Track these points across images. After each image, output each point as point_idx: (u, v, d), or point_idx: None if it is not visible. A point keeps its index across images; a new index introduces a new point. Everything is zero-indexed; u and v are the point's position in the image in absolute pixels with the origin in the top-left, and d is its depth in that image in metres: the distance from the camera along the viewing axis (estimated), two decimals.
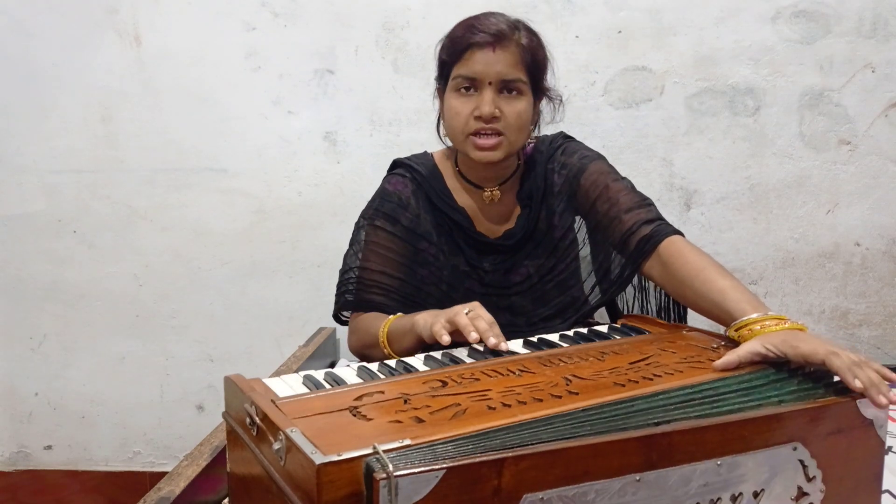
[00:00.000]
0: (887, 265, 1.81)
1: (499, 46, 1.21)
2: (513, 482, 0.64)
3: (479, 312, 1.04)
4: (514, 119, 1.23)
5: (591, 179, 1.32)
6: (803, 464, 0.77)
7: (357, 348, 1.32)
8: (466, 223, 1.34)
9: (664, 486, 0.70)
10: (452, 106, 1.26)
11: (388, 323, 1.20)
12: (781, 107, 1.76)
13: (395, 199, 1.34)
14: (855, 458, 0.81)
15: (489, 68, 1.21)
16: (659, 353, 0.95)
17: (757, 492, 0.75)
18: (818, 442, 0.78)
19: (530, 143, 1.39)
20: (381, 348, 1.20)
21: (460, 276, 1.34)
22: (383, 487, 0.60)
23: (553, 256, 1.36)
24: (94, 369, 1.95)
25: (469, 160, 1.30)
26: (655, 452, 0.70)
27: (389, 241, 1.32)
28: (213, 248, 1.88)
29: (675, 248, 1.18)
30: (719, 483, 0.73)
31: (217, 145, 1.85)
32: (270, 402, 0.78)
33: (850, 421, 0.80)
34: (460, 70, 1.24)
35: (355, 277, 1.32)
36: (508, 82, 1.23)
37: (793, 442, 0.76)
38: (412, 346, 1.15)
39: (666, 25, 1.75)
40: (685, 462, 0.71)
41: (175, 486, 0.97)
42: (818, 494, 0.78)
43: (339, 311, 1.36)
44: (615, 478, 0.68)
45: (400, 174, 1.38)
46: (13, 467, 2.00)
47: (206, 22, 1.81)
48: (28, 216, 1.90)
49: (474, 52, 1.22)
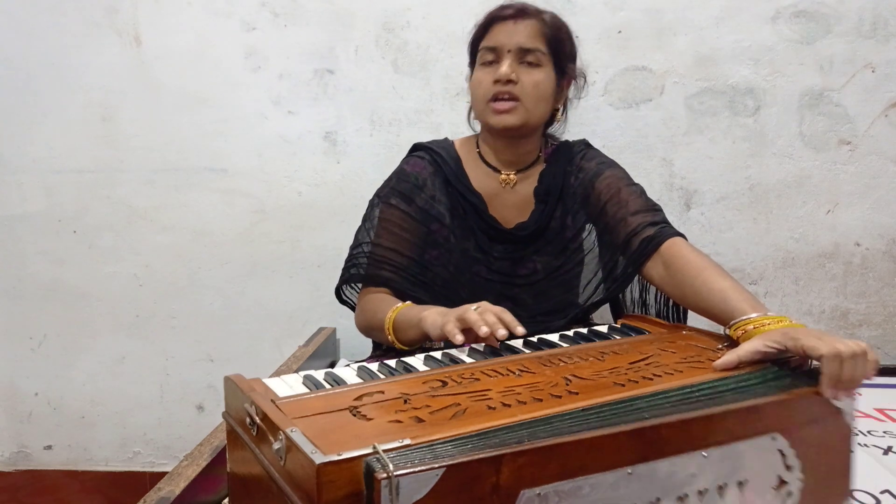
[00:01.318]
0: (887, 265, 1.81)
1: (520, 19, 1.28)
2: (511, 479, 0.65)
3: (487, 307, 1.04)
4: (531, 87, 1.27)
5: (605, 183, 1.34)
6: (782, 453, 0.80)
7: (363, 327, 1.33)
8: (481, 206, 1.35)
9: (654, 478, 0.72)
10: (476, 77, 1.32)
11: (395, 311, 1.20)
12: (781, 107, 1.76)
13: (411, 180, 1.36)
14: (828, 446, 0.84)
15: (509, 38, 1.27)
16: (659, 353, 0.95)
17: (741, 482, 0.77)
18: (795, 432, 0.80)
19: (554, 144, 1.41)
20: (386, 335, 1.20)
21: (469, 260, 1.35)
22: (384, 487, 0.60)
23: (561, 256, 1.37)
24: (94, 369, 1.95)
25: (491, 140, 1.35)
26: (645, 445, 0.71)
27: (403, 219, 1.34)
28: (213, 248, 1.89)
29: (676, 250, 1.19)
30: (706, 474, 0.75)
31: (217, 145, 1.85)
32: (270, 402, 0.78)
33: (822, 411, 0.83)
34: (485, 43, 1.30)
35: (365, 252, 1.33)
36: (527, 51, 1.27)
37: (772, 432, 0.79)
38: (416, 339, 1.16)
39: (666, 25, 1.75)
40: (673, 454, 0.73)
41: (175, 486, 0.97)
42: (797, 483, 0.81)
43: (343, 284, 1.37)
44: (608, 471, 0.69)
45: (419, 156, 1.40)
46: (13, 467, 2.00)
47: (206, 22, 1.81)
48: (28, 216, 1.90)
49: (496, 25, 1.29)
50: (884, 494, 1.05)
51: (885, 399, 1.49)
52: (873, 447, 1.24)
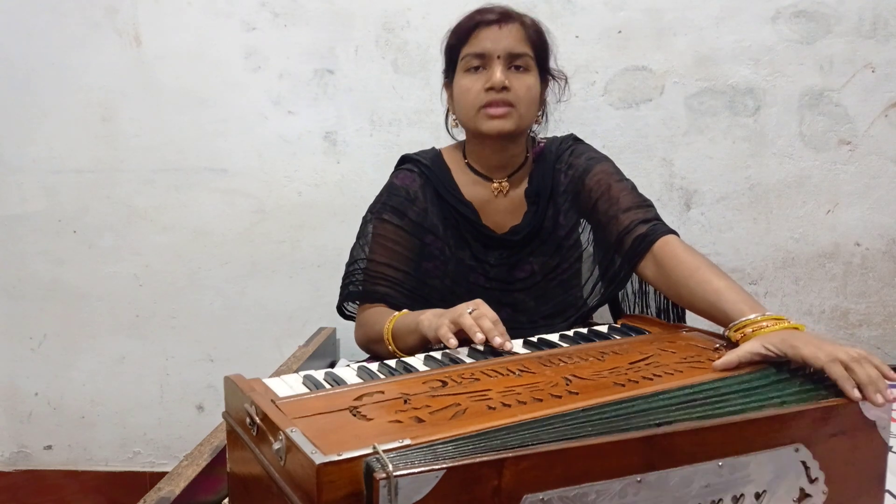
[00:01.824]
0: (887, 265, 1.81)
1: (504, 24, 1.26)
2: (513, 482, 0.64)
3: (483, 311, 1.04)
4: (523, 92, 1.26)
5: (595, 179, 1.33)
6: (806, 465, 0.77)
7: (363, 343, 1.33)
8: (473, 216, 1.34)
9: (665, 487, 0.70)
10: (463, 85, 1.28)
11: (392, 320, 1.20)
12: (781, 107, 1.76)
13: (402, 194, 1.35)
14: (858, 460, 0.81)
15: (497, 44, 1.25)
16: (659, 353, 0.95)
17: (759, 493, 0.75)
18: (821, 443, 0.77)
19: (541, 143, 1.40)
20: (386, 345, 1.20)
21: (465, 269, 1.35)
22: (383, 487, 0.60)
23: (557, 255, 1.36)
24: (94, 369, 1.95)
25: (479, 148, 1.33)
26: (656, 453, 0.69)
27: (396, 234, 1.34)
28: (213, 248, 1.88)
29: (669, 248, 1.19)
30: (721, 484, 0.72)
31: (217, 145, 1.85)
32: (270, 402, 0.78)
33: (852, 422, 0.80)
34: (469, 49, 1.27)
35: (361, 269, 1.33)
36: (516, 56, 1.26)
37: (795, 443, 0.76)
38: (416, 345, 1.15)
39: (666, 25, 1.75)
40: (686, 463, 0.70)
41: (175, 486, 0.97)
42: (821, 496, 0.78)
43: (343, 303, 1.37)
44: (616, 479, 0.67)
45: (408, 169, 1.39)
46: (13, 467, 2.00)
47: (206, 22, 1.81)
48: (28, 216, 1.90)
49: (481, 30, 1.26)
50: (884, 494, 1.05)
51: None
52: None
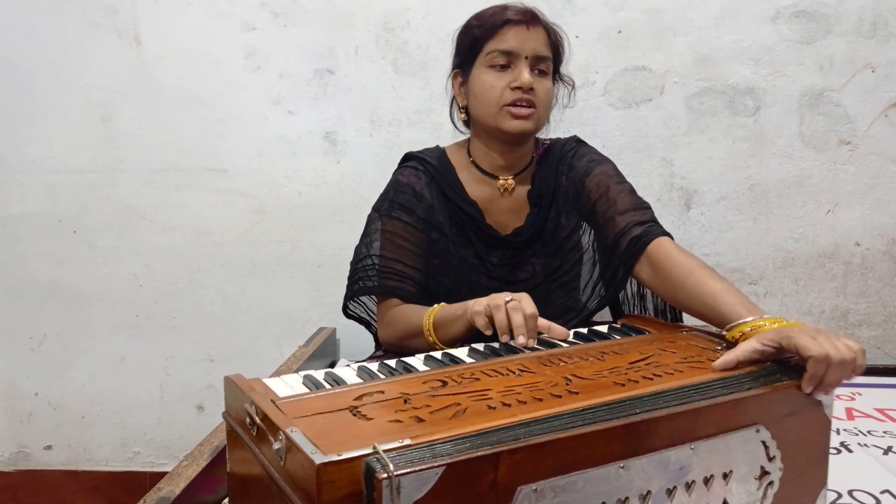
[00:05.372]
0: (887, 265, 1.81)
1: (532, 25, 1.27)
2: (508, 475, 0.65)
3: (523, 304, 1.05)
4: (544, 95, 1.28)
5: (594, 181, 1.33)
6: (765, 445, 0.82)
7: (395, 339, 1.30)
8: (477, 215, 1.34)
9: (645, 472, 0.74)
10: (486, 80, 1.28)
11: (433, 312, 1.19)
12: (781, 107, 1.76)
13: (409, 191, 1.35)
14: (807, 437, 0.86)
15: (525, 44, 1.26)
16: (659, 353, 0.95)
17: (726, 473, 0.79)
18: (777, 423, 0.82)
19: (545, 144, 1.40)
20: (426, 336, 1.19)
21: (468, 268, 1.35)
22: (385, 487, 0.60)
23: (558, 257, 1.36)
24: (94, 369, 1.95)
25: (486, 146, 1.34)
26: (636, 439, 0.73)
27: (406, 231, 1.33)
28: (213, 248, 1.89)
29: (664, 250, 1.19)
30: (694, 467, 0.77)
31: (217, 145, 1.85)
32: (270, 402, 0.78)
33: (803, 403, 0.85)
34: (496, 45, 1.27)
35: (369, 265, 1.32)
36: (540, 59, 1.27)
37: (756, 424, 0.81)
38: (461, 333, 1.15)
39: (666, 25, 1.75)
40: (663, 448, 0.75)
41: (175, 486, 0.97)
42: (777, 472, 0.83)
43: (350, 299, 1.35)
44: (601, 466, 0.71)
45: (412, 166, 1.39)
46: (13, 467, 2.00)
47: (206, 22, 1.81)
48: (28, 216, 1.90)
49: (510, 28, 1.26)
50: (884, 494, 1.05)
51: (885, 399, 1.49)
52: (873, 447, 1.24)
